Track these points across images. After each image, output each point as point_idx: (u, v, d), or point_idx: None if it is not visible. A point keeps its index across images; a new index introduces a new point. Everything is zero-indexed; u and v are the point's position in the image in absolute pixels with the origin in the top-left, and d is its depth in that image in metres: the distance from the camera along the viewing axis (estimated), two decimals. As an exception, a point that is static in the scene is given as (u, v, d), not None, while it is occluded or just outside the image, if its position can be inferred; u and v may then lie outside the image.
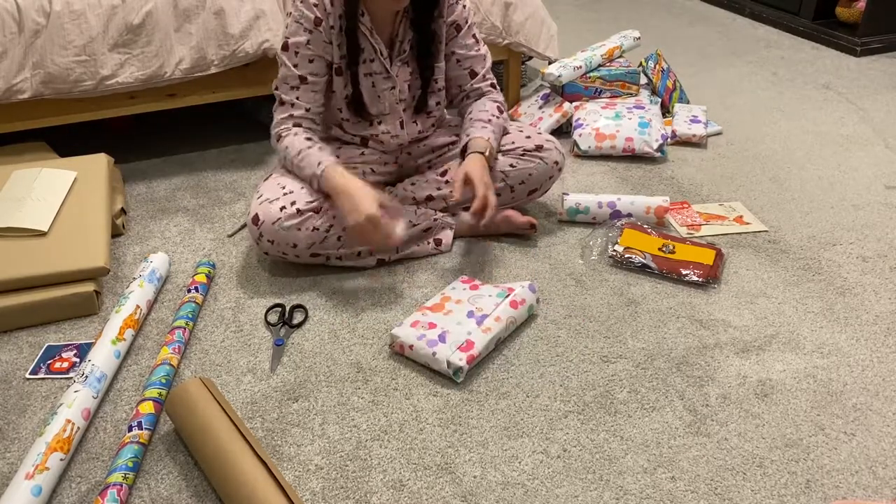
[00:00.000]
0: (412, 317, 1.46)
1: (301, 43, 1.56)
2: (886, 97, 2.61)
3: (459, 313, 1.46)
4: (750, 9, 3.50)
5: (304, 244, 1.58)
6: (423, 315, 1.46)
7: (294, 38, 1.56)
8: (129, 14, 1.83)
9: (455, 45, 1.68)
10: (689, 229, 1.82)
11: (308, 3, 1.54)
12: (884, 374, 1.38)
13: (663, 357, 1.43)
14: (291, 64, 1.57)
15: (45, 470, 1.12)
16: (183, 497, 1.15)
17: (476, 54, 1.70)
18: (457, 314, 1.45)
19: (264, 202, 1.57)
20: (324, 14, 1.54)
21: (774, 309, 1.55)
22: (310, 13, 1.54)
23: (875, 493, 1.15)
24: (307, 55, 1.57)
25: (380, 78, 1.64)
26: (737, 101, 2.58)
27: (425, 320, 1.44)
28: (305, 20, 1.54)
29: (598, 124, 2.17)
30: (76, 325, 1.52)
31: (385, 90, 1.66)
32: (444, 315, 1.45)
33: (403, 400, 1.33)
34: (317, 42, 1.56)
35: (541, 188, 1.77)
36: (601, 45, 2.40)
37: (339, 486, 1.17)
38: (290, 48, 1.56)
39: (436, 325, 1.42)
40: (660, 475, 1.18)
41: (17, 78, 1.80)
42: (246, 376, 1.39)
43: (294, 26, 1.55)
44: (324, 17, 1.55)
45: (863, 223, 1.86)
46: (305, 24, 1.55)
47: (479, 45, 1.71)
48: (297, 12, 1.55)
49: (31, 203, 1.64)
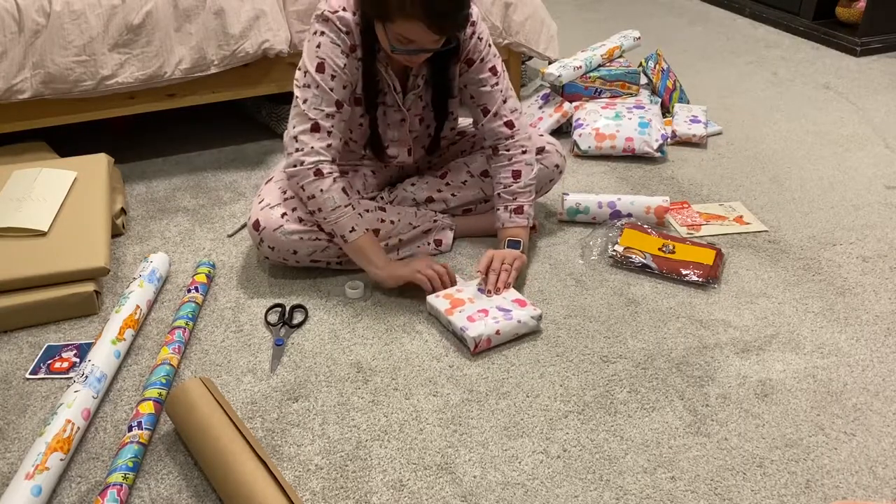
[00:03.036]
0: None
1: (339, 66, 1.47)
2: (886, 97, 2.61)
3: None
4: (750, 9, 3.50)
5: (304, 252, 1.58)
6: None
7: (332, 59, 1.46)
8: (129, 14, 1.83)
9: (466, 79, 1.60)
10: (689, 229, 1.82)
11: (341, 27, 1.45)
12: (884, 374, 1.38)
13: (663, 357, 1.42)
14: (328, 87, 1.47)
15: (45, 470, 1.12)
16: (183, 497, 1.15)
17: (489, 90, 1.59)
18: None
19: (265, 207, 1.56)
20: (353, 42, 1.47)
21: (774, 309, 1.55)
22: (346, 39, 1.46)
23: (875, 493, 1.15)
24: (343, 80, 1.49)
25: (391, 111, 1.61)
26: (737, 101, 2.58)
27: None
28: (342, 44, 1.46)
29: (598, 124, 2.17)
30: (76, 325, 1.52)
31: (395, 122, 1.63)
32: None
33: (403, 400, 1.33)
34: (351, 69, 1.49)
35: (541, 190, 1.78)
36: (601, 45, 2.40)
37: (339, 486, 1.17)
38: (328, 69, 1.47)
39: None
40: (660, 475, 1.18)
41: (17, 78, 1.80)
42: (246, 376, 1.39)
43: (330, 47, 1.46)
44: (357, 46, 1.48)
45: (863, 223, 1.86)
46: (343, 48, 1.47)
47: (497, 78, 1.60)
48: (332, 32, 1.46)
49: (31, 203, 1.64)
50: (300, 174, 1.49)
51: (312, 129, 1.49)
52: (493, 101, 1.60)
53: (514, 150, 1.62)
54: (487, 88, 1.60)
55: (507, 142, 1.62)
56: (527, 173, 1.62)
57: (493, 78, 1.60)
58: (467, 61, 1.57)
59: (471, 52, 1.57)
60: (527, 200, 1.62)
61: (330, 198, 1.49)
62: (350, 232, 1.51)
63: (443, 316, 1.48)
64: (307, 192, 1.50)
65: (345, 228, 1.51)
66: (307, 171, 1.49)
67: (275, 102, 2.32)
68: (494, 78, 1.60)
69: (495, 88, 1.60)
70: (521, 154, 1.62)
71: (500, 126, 1.62)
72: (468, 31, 1.54)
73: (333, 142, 1.51)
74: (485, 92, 1.60)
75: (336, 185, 1.50)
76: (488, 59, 1.59)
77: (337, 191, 1.50)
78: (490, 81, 1.59)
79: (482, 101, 1.61)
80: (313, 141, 1.49)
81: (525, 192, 1.62)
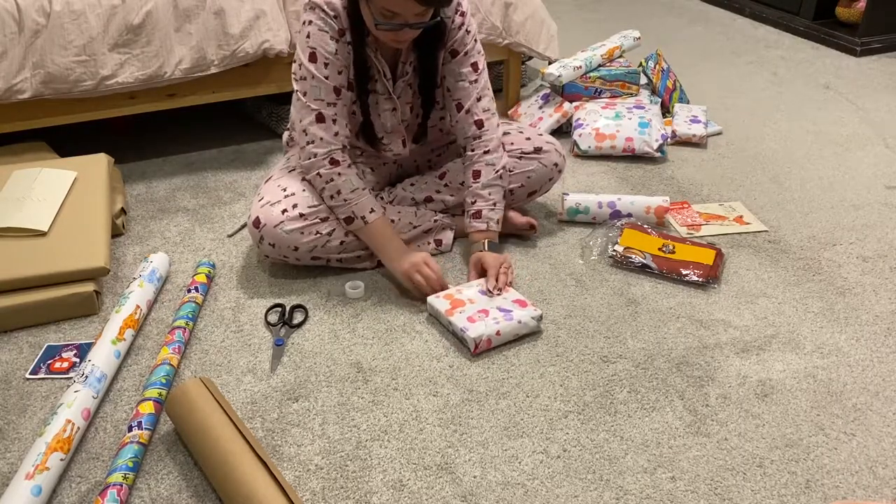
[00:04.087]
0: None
1: (331, 52, 1.48)
2: (886, 97, 2.61)
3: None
4: (750, 9, 3.50)
5: (305, 248, 1.58)
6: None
7: (322, 47, 1.47)
8: (129, 14, 1.83)
9: (447, 70, 1.60)
10: (689, 229, 1.82)
11: (328, 11, 1.46)
12: (884, 374, 1.38)
13: (663, 357, 1.42)
14: (323, 76, 1.48)
15: (45, 470, 1.12)
16: (183, 497, 1.15)
17: (467, 86, 1.60)
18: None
19: (265, 205, 1.56)
20: (341, 26, 1.48)
21: (774, 309, 1.55)
22: (334, 23, 1.47)
23: (875, 493, 1.15)
24: (337, 66, 1.49)
25: (382, 98, 1.61)
26: (737, 101, 2.58)
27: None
28: (330, 29, 1.47)
29: (598, 124, 2.17)
30: (76, 325, 1.52)
31: (387, 111, 1.63)
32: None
33: (403, 400, 1.33)
34: (342, 53, 1.50)
35: (540, 189, 1.77)
36: (601, 45, 2.40)
37: (339, 486, 1.17)
38: (320, 58, 1.48)
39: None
40: (660, 475, 1.18)
41: (17, 78, 1.80)
42: (246, 376, 1.39)
43: (319, 35, 1.47)
44: (346, 29, 1.48)
45: (863, 223, 1.86)
46: (331, 33, 1.47)
47: (476, 75, 1.61)
48: (319, 20, 1.46)
49: (31, 203, 1.64)
50: (315, 165, 1.53)
51: (318, 119, 1.51)
52: (467, 97, 1.61)
53: (478, 149, 1.63)
54: (465, 83, 1.60)
55: (475, 141, 1.63)
56: (486, 173, 1.62)
57: (473, 74, 1.61)
58: (452, 52, 1.59)
59: (457, 44, 1.58)
60: (485, 204, 1.62)
61: (348, 180, 1.53)
62: (370, 213, 1.55)
63: (443, 317, 1.48)
64: (324, 177, 1.53)
65: (365, 209, 1.54)
66: (322, 161, 1.53)
67: (275, 102, 2.32)
68: (474, 74, 1.61)
69: (473, 85, 1.61)
70: (482, 154, 1.62)
71: (470, 124, 1.62)
72: (457, 21, 1.56)
73: (340, 129, 1.54)
74: (462, 87, 1.61)
75: (352, 169, 1.55)
76: (472, 54, 1.60)
77: (354, 174, 1.55)
78: (469, 77, 1.60)
79: (458, 95, 1.62)
80: (321, 132, 1.52)
81: (483, 195, 1.62)
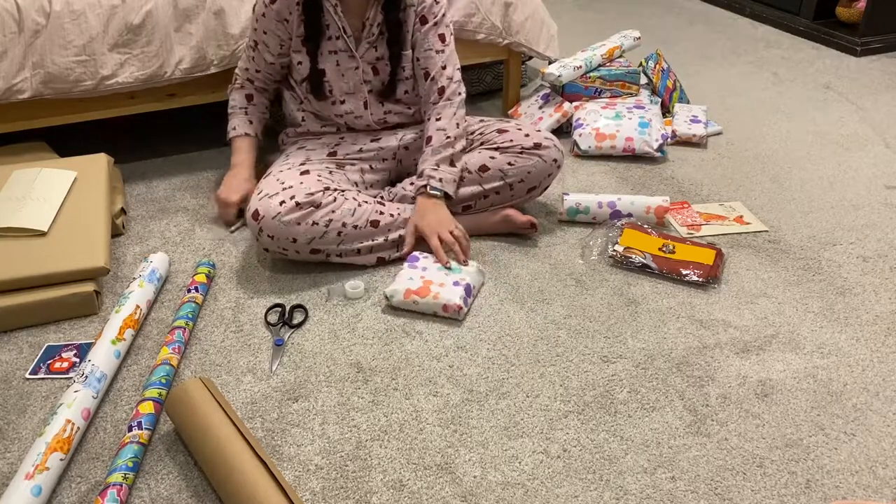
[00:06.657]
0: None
1: (259, 15, 1.69)
2: (886, 97, 2.61)
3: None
4: (750, 9, 3.50)
5: (303, 239, 1.58)
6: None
7: (259, 7, 1.68)
8: (129, 14, 1.83)
9: (416, 41, 1.71)
10: (689, 229, 1.82)
11: None
12: (884, 374, 1.38)
13: (663, 357, 1.43)
14: (252, 28, 1.73)
15: (45, 470, 1.12)
16: (183, 497, 1.15)
17: (432, 55, 1.71)
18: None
19: (264, 198, 1.57)
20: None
21: (774, 309, 1.55)
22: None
23: (875, 493, 1.15)
24: (264, 27, 1.70)
25: (344, 56, 1.69)
26: (737, 101, 2.58)
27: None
28: None
29: (598, 124, 2.17)
30: (76, 325, 1.52)
31: (349, 69, 1.70)
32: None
33: (403, 400, 1.33)
34: (270, 19, 1.67)
35: (540, 186, 1.77)
36: (601, 45, 2.40)
37: (339, 486, 1.17)
38: (256, 12, 1.70)
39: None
40: (660, 475, 1.18)
41: (17, 78, 1.80)
42: (246, 376, 1.39)
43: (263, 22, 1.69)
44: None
45: (863, 223, 1.86)
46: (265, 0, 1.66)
47: (443, 44, 1.71)
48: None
49: (31, 203, 1.64)
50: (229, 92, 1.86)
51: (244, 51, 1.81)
52: (433, 65, 1.72)
53: (433, 116, 1.71)
54: (432, 53, 1.71)
55: (433, 107, 1.72)
56: (438, 138, 1.68)
57: (440, 44, 1.71)
58: (421, 18, 1.69)
59: (426, 11, 1.69)
60: (428, 165, 1.67)
61: (234, 98, 1.84)
62: (233, 130, 1.82)
63: (413, 305, 1.53)
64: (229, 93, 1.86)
65: (229, 125, 1.82)
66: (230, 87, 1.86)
67: (274, 102, 2.32)
68: (441, 44, 1.71)
69: (439, 55, 1.72)
70: (434, 120, 1.71)
71: (434, 91, 1.72)
72: None
73: (250, 67, 1.79)
74: (429, 56, 1.71)
75: (242, 91, 1.83)
76: (441, 26, 1.71)
77: (242, 96, 1.83)
78: (436, 46, 1.71)
79: (426, 64, 1.72)
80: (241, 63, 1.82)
81: (429, 159, 1.68)
